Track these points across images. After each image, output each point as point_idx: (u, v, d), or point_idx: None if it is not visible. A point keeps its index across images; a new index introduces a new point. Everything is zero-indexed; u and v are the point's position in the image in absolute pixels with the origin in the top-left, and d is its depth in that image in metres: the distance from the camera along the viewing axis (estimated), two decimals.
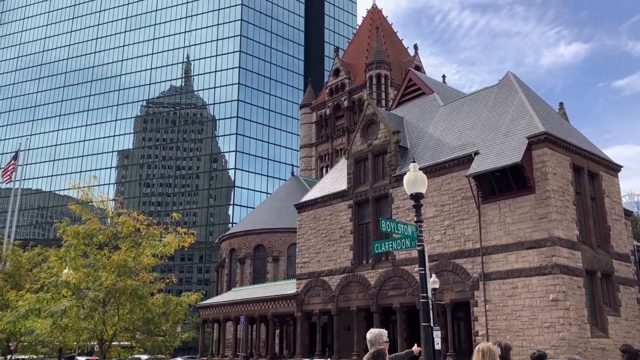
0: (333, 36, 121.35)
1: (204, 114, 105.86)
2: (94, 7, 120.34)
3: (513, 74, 34.11)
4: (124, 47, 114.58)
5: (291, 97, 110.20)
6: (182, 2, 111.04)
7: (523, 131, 28.16)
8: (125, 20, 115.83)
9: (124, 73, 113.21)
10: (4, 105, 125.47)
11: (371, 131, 36.28)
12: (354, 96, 67.18)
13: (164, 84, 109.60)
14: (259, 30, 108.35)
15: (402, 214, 32.12)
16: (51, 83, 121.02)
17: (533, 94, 33.11)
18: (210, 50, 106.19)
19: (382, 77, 63.14)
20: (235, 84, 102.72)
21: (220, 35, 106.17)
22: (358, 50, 72.19)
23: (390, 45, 70.11)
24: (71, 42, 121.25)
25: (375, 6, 76.29)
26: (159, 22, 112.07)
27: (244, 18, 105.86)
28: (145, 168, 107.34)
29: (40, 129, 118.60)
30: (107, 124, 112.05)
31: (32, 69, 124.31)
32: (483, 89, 35.71)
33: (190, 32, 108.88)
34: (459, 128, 33.17)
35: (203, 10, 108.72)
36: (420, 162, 31.71)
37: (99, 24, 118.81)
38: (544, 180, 26.69)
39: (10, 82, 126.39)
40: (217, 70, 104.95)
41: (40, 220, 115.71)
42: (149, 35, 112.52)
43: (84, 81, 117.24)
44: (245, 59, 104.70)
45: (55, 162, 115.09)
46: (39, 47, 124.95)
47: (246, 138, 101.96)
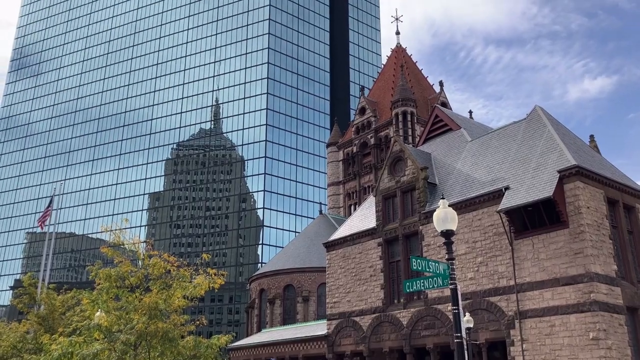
0: (358, 75, 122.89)
1: (233, 155, 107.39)
2: (126, 55, 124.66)
3: (541, 108, 33.84)
4: (155, 92, 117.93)
5: (318, 136, 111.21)
6: (210, 47, 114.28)
7: (554, 165, 27.74)
8: (156, 67, 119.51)
9: (154, 117, 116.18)
10: (40, 152, 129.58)
11: (399, 168, 36.18)
12: (380, 134, 67.43)
13: (193, 127, 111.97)
14: (285, 72, 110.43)
15: (433, 252, 31.66)
16: (85, 129, 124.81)
17: (562, 127, 32.73)
18: (238, 93, 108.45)
19: (408, 114, 63.35)
20: (263, 125, 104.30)
21: (247, 78, 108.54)
22: (383, 89, 72.82)
23: (415, 82, 70.58)
24: (104, 89, 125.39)
25: (399, 45, 77.22)
26: (188, 68, 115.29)
27: (271, 61, 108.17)
28: (175, 209, 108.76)
29: (74, 174, 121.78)
30: (139, 167, 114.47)
31: (67, 116, 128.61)
32: (511, 123, 35.46)
33: (218, 77, 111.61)
34: (488, 163, 32.85)
35: (230, 55, 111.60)
36: (449, 198, 31.38)
37: (130, 70, 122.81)
38: (577, 214, 26.10)
39: (46, 129, 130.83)
40: (245, 112, 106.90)
41: (73, 264, 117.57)
42: (178, 81, 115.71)
43: (116, 126, 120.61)
44: (273, 100, 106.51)
45: (89, 206, 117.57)
46: (74, 95, 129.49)
47: (274, 177, 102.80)
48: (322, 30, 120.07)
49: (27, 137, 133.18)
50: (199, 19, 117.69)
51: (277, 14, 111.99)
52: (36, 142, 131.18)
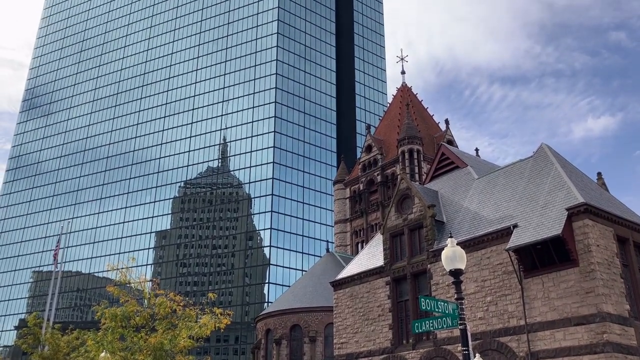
0: (364, 114, 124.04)
1: (240, 192, 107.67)
2: (136, 95, 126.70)
3: (547, 146, 33.91)
4: (163, 131, 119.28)
5: (325, 174, 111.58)
6: (218, 87, 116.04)
7: (562, 203, 27.61)
8: (165, 106, 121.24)
9: (163, 156, 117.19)
10: (48, 190, 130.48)
11: (406, 205, 36.09)
12: (387, 171, 67.57)
13: (201, 165, 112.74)
14: (293, 111, 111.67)
15: (442, 291, 31.27)
16: (93, 168, 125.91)
17: (569, 165, 32.71)
18: (246, 132, 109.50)
19: (415, 152, 63.59)
20: (270, 163, 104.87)
21: (255, 117, 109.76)
22: (389, 127, 73.34)
23: (421, 120, 71.09)
24: (113, 128, 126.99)
25: (404, 84, 78.12)
26: (197, 107, 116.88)
27: (278, 100, 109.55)
28: (182, 248, 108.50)
29: (81, 212, 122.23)
30: (146, 206, 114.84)
31: (76, 155, 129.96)
32: (518, 161, 35.49)
33: (226, 116, 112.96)
34: (496, 201, 32.76)
35: (238, 94, 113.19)
36: (457, 236, 31.17)
37: (139, 110, 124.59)
38: (587, 252, 25.82)
39: (55, 167, 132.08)
40: (252, 150, 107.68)
41: (79, 303, 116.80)
42: (187, 120, 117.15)
43: (124, 165, 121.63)
44: (280, 138, 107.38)
45: (95, 245, 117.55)
46: (83, 134, 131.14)
47: (281, 215, 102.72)
48: (328, 70, 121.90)
49: (36, 175, 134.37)
50: (208, 60, 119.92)
51: (285, 54, 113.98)
52: (45, 181, 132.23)
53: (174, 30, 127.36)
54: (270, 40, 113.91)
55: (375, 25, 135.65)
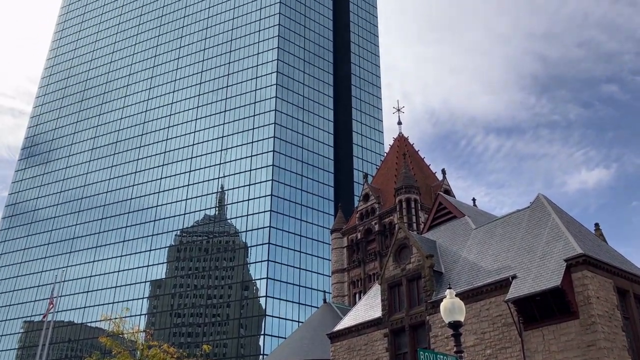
0: (362, 163, 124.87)
1: (236, 241, 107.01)
2: (134, 144, 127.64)
3: (544, 196, 34.05)
4: (161, 179, 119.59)
5: (322, 223, 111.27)
6: (217, 136, 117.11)
7: (560, 253, 27.51)
8: (163, 155, 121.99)
9: (159, 204, 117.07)
10: (43, 238, 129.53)
11: (404, 255, 35.88)
12: (384, 220, 67.45)
13: (198, 214, 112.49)
14: (290, 159, 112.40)
15: (441, 343, 30.70)
16: (90, 216, 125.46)
17: (566, 215, 32.75)
18: (244, 180, 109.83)
19: (412, 202, 63.67)
20: (268, 211, 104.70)
21: (253, 165, 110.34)
22: (386, 176, 73.69)
23: (418, 170, 71.52)
24: (111, 177, 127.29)
25: (401, 134, 78.94)
26: (195, 156, 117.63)
27: (276, 149, 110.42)
28: (176, 298, 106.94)
29: (76, 261, 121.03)
30: (141, 255, 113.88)
31: (73, 203, 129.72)
32: (515, 212, 35.54)
33: (224, 164, 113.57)
34: (494, 251, 32.63)
35: (237, 143, 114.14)
36: (456, 287, 30.86)
37: (138, 158, 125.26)
38: (587, 304, 25.53)
39: (51, 215, 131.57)
40: (249, 198, 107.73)
41: (70, 354, 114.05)
42: (185, 168, 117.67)
43: (121, 213, 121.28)
44: (277, 187, 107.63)
45: (89, 294, 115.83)
46: (81, 182, 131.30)
47: (277, 264, 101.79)
48: (326, 120, 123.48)
49: (32, 223, 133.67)
50: (207, 110, 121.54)
51: (283, 104, 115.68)
52: (40, 229, 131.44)
53: (175, 81, 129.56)
54: (269, 91, 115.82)
55: (372, 77, 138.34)
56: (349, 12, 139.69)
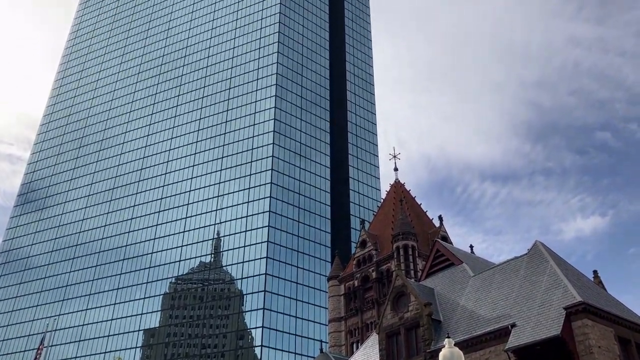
0: (358, 209, 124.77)
1: (232, 289, 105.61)
2: (131, 190, 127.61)
3: (541, 243, 33.94)
4: (157, 226, 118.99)
5: (319, 270, 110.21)
6: (214, 182, 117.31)
7: (559, 301, 27.20)
8: (160, 201, 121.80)
9: (155, 251, 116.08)
10: (36, 286, 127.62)
11: (402, 303, 35.42)
12: (382, 267, 66.82)
13: (193, 261, 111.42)
14: (287, 205, 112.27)
15: None
16: (84, 263, 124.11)
17: (565, 262, 32.56)
18: (240, 226, 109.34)
19: (409, 248, 63.26)
20: (264, 258, 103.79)
21: (249, 211, 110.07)
22: (383, 222, 73.46)
23: (415, 216, 71.39)
24: (107, 223, 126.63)
25: (397, 180, 79.21)
26: (191, 202, 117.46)
27: (273, 195, 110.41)
28: (170, 347, 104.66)
29: (68, 309, 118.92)
30: (135, 302, 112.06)
31: (67, 249, 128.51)
32: (513, 259, 35.35)
33: (220, 210, 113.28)
34: (492, 299, 32.26)
35: (234, 189, 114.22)
36: (454, 336, 30.37)
37: (134, 205, 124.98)
38: (588, 354, 25.07)
39: (45, 262, 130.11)
40: (245, 245, 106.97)
41: None
42: (181, 215, 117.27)
43: (115, 260, 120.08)
44: (274, 233, 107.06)
45: (81, 343, 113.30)
46: (76, 229, 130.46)
47: (273, 313, 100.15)
48: (323, 167, 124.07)
49: (25, 270, 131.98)
50: (205, 156, 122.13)
51: (280, 151, 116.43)
52: (34, 276, 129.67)
53: (173, 128, 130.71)
54: (266, 138, 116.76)
55: (368, 124, 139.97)
56: (345, 61, 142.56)
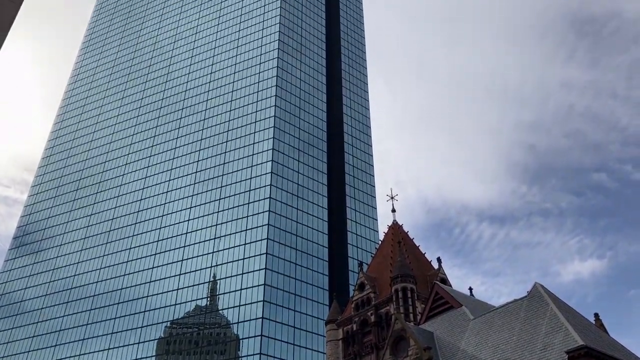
0: (356, 251, 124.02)
1: (228, 333, 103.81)
2: (128, 233, 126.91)
3: (541, 285, 33.64)
4: (153, 269, 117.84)
5: (316, 313, 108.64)
6: (210, 224, 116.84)
7: (560, 345, 26.77)
8: (156, 244, 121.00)
9: (150, 294, 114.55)
10: (28, 331, 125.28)
11: (401, 347, 34.83)
12: (380, 310, 65.88)
13: (189, 304, 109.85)
14: (284, 247, 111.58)
15: None
16: (78, 306, 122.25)
17: (565, 305, 32.18)
18: (236, 269, 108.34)
19: (408, 291, 62.53)
20: (260, 302, 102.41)
21: (246, 254, 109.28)
22: (382, 265, 72.86)
23: (413, 258, 70.89)
24: (102, 266, 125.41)
25: (395, 222, 79.00)
26: (188, 244, 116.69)
27: (270, 237, 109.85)
28: None
29: (62, 354, 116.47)
30: (130, 347, 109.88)
31: (62, 293, 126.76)
32: (512, 301, 34.96)
33: (217, 253, 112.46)
34: (493, 343, 31.73)
35: (230, 231, 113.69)
36: None
37: (130, 247, 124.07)
38: None
39: (39, 306, 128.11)
40: (242, 288, 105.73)
41: None
42: (177, 257, 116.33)
43: (110, 304, 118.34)
44: (271, 276, 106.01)
45: None
46: (71, 272, 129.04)
47: (270, 358, 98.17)
48: (320, 208, 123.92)
49: (18, 315, 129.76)
50: (202, 198, 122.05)
51: (278, 192, 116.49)
52: (26, 321, 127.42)
53: (170, 170, 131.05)
54: (264, 179, 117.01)
55: (365, 165, 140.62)
56: (342, 104, 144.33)
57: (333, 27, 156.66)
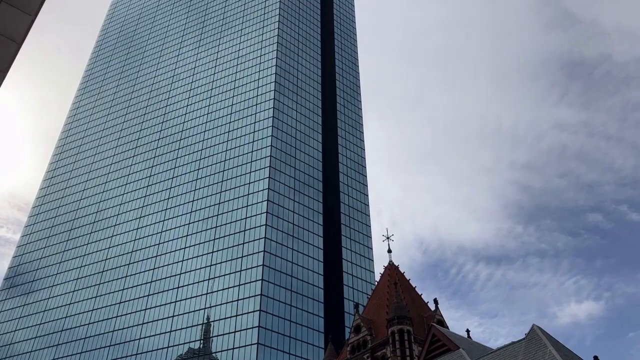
0: (352, 292, 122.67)
1: None
2: (120, 273, 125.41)
3: (539, 327, 33.19)
4: (146, 310, 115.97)
5: (312, 356, 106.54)
6: (205, 265, 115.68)
7: None
8: (149, 285, 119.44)
9: (143, 337, 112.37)
10: None
11: None
12: (377, 353, 64.67)
13: (181, 347, 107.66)
14: (279, 289, 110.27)
15: None
16: (69, 349, 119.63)
17: (563, 347, 31.69)
18: (231, 311, 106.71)
19: (405, 333, 61.56)
20: (255, 344, 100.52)
21: (240, 295, 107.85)
22: (378, 306, 71.94)
23: (410, 300, 70.08)
24: (95, 307, 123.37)
25: (391, 262, 78.39)
26: (182, 285, 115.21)
27: (265, 278, 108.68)
28: None
29: None
30: None
31: (53, 335, 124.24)
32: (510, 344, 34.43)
33: (211, 294, 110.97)
34: None
35: (225, 272, 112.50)
36: None
37: (123, 288, 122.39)
38: None
39: (27, 349, 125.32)
40: (236, 330, 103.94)
41: None
42: (170, 298, 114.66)
43: (102, 346, 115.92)
44: (265, 317, 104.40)
45: None
46: (63, 313, 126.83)
47: None
48: (316, 248, 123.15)
49: (7, 358, 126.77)
50: (196, 238, 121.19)
51: (273, 232, 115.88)
52: None
53: (165, 210, 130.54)
54: (259, 219, 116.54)
55: (360, 205, 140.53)
56: (337, 144, 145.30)
57: (328, 68, 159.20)
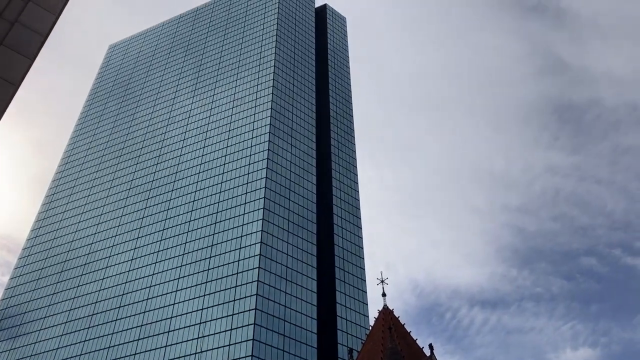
0: (346, 337, 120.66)
1: None
2: (111, 316, 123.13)
3: None
4: (136, 355, 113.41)
5: None
6: (196, 309, 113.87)
7: None
8: (140, 328, 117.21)
9: None
10: None
11: None
12: None
13: None
14: (272, 333, 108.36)
15: None
16: None
17: None
18: (222, 356, 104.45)
19: None
20: None
21: (232, 340, 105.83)
22: (372, 352, 70.68)
23: (404, 345, 68.96)
24: (83, 352, 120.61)
25: (386, 306, 77.46)
26: (173, 329, 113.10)
27: (257, 322, 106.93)
28: None
29: None
30: None
31: None
32: None
33: (202, 338, 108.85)
34: None
35: (217, 316, 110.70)
36: None
37: (114, 332, 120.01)
38: None
39: None
40: None
41: None
42: (161, 343, 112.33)
43: None
44: None
45: None
46: (51, 358, 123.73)
47: None
48: (309, 291, 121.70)
49: None
50: (188, 281, 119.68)
51: (266, 275, 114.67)
52: None
53: (158, 252, 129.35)
54: (252, 262, 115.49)
55: (355, 248, 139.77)
56: (331, 186, 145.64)
57: (323, 111, 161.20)
